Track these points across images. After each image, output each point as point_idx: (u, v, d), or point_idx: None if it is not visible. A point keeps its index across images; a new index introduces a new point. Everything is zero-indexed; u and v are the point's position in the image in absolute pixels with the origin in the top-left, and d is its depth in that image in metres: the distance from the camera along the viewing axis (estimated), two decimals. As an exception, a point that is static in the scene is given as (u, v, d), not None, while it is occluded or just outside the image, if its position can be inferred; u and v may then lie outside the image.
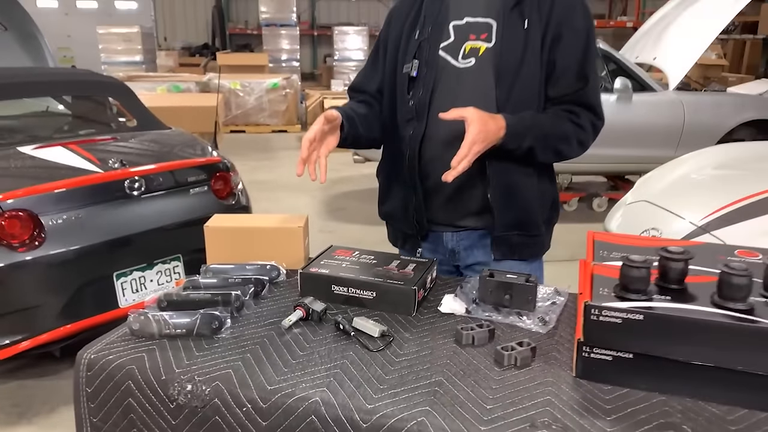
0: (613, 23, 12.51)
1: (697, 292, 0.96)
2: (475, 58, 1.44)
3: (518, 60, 1.39)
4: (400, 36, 1.53)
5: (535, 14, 1.40)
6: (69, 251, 2.59)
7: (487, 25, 1.44)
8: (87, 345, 1.08)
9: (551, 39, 1.40)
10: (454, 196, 1.49)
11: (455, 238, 1.54)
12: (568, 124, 1.42)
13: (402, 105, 1.50)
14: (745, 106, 5.31)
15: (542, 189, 1.51)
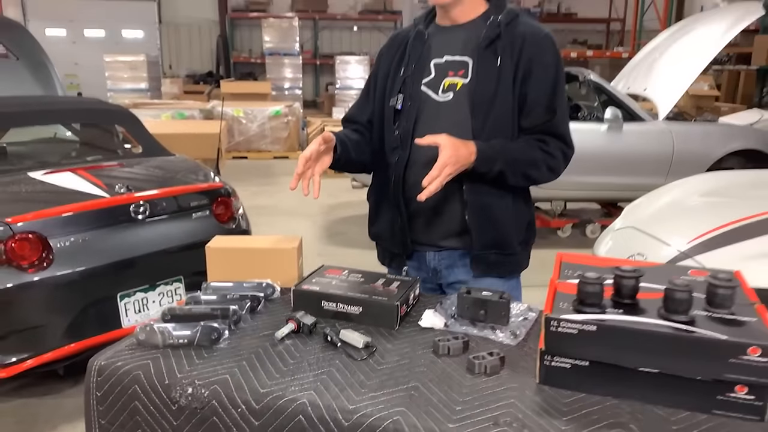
0: (609, 54, 12.76)
1: (647, 307, 1.07)
2: (453, 93, 1.58)
3: (492, 94, 1.54)
4: (387, 73, 1.69)
5: (507, 52, 1.55)
6: (75, 272, 2.70)
7: (463, 62, 1.59)
8: (97, 353, 1.19)
9: (522, 75, 1.55)
10: (435, 218, 1.62)
11: (437, 257, 1.67)
12: (537, 151, 1.56)
13: (389, 134, 1.65)
14: (732, 136, 5.45)
15: (517, 212, 1.65)
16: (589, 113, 5.50)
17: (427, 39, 1.65)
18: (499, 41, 1.55)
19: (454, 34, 1.63)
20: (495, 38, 1.56)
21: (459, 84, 1.58)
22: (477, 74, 1.56)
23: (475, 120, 1.55)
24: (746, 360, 0.95)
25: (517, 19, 1.60)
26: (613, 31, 16.48)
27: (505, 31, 1.56)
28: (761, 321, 1.02)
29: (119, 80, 11.95)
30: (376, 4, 15.86)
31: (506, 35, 1.56)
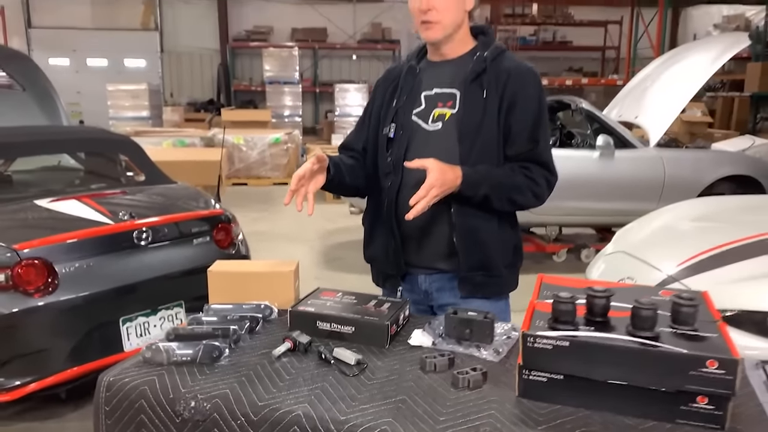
0: (604, 81, 13.01)
1: (617, 324, 1.16)
2: (442, 122, 1.70)
3: (478, 124, 1.65)
4: (381, 104, 1.82)
5: (493, 85, 1.66)
6: (80, 297, 2.77)
7: (452, 94, 1.70)
8: (105, 370, 1.27)
9: (507, 106, 1.66)
10: (426, 240, 1.72)
11: (428, 280, 1.76)
12: (521, 177, 1.66)
13: (382, 161, 1.76)
14: (723, 162, 5.57)
15: (503, 236, 1.74)
16: (582, 140, 5.64)
17: (419, 73, 1.77)
18: (485, 75, 1.67)
19: (443, 68, 1.75)
20: (481, 72, 1.68)
21: (447, 114, 1.69)
22: (464, 105, 1.68)
23: (462, 148, 1.66)
24: (705, 372, 1.03)
25: (502, 54, 1.72)
26: (608, 58, 16.77)
27: (491, 66, 1.68)
28: (721, 337, 1.11)
29: (121, 108, 12.16)
30: (374, 33, 16.16)
31: (492, 70, 1.68)
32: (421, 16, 1.66)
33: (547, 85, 12.13)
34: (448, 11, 1.65)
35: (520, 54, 13.06)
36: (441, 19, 1.65)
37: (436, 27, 1.66)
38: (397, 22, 16.31)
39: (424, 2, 1.63)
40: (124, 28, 15.81)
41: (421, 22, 1.67)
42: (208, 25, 16.07)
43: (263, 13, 16.13)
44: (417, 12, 1.67)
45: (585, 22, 15.34)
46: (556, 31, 16.12)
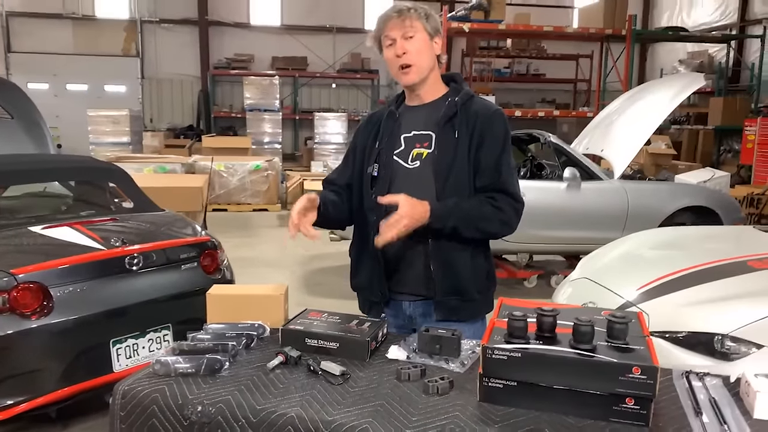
0: (575, 113, 13.45)
1: (563, 339, 1.37)
2: (420, 161, 1.92)
3: (451, 161, 1.88)
4: (365, 146, 2.04)
5: (463, 126, 1.90)
6: (73, 320, 2.90)
7: (428, 136, 1.93)
8: (120, 381, 1.44)
9: (476, 144, 1.89)
10: (407, 268, 1.93)
11: (412, 306, 1.96)
12: (487, 207, 1.86)
13: (366, 197, 1.97)
14: (682, 194, 5.90)
15: (475, 263, 1.94)
16: (551, 172, 5.93)
17: (398, 117, 2.00)
18: (456, 118, 1.90)
19: (419, 112, 1.98)
20: (453, 116, 1.91)
21: (425, 153, 1.92)
22: (439, 145, 1.90)
23: (437, 183, 1.88)
24: (632, 377, 1.25)
25: (471, 99, 1.96)
26: (580, 91, 17.35)
27: (461, 110, 1.91)
28: (647, 349, 1.33)
29: (102, 134, 12.24)
30: (353, 63, 16.55)
31: (462, 113, 1.91)
32: (397, 62, 1.89)
33: (521, 116, 12.53)
34: (420, 54, 1.88)
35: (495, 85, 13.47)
36: (415, 61, 1.88)
37: (412, 70, 1.89)
38: (376, 53, 16.46)
39: (398, 48, 1.87)
40: (105, 53, 15.97)
41: (399, 67, 1.90)
42: (189, 53, 16.32)
43: (244, 41, 16.45)
44: (393, 59, 1.90)
45: (557, 56, 15.90)
46: (530, 63, 16.69)
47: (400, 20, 1.87)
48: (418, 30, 1.88)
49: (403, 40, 1.87)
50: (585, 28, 11.90)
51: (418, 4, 1.92)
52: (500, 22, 10.97)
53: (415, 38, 1.87)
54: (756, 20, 13.80)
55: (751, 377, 1.37)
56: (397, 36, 1.87)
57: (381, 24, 1.91)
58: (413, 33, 1.87)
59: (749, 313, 2.61)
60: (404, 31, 1.86)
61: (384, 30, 1.90)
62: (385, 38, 1.90)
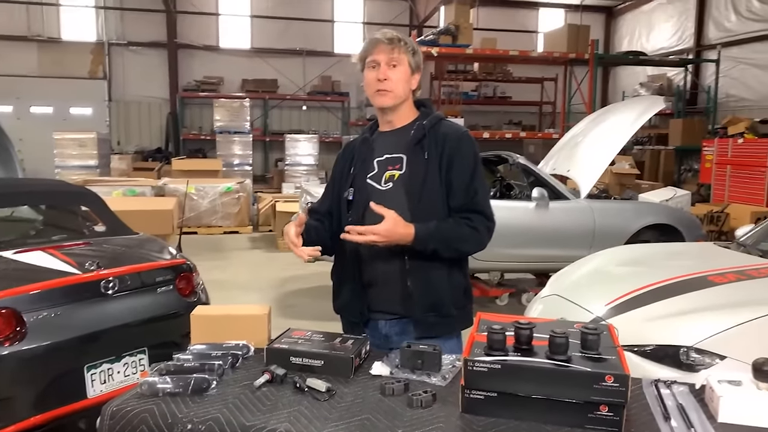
0: (541, 134, 13.80)
1: (539, 350, 1.44)
2: (393, 183, 2.01)
3: (421, 181, 1.97)
4: (342, 173, 2.13)
5: (433, 148, 1.99)
6: (47, 345, 2.86)
7: (399, 158, 2.03)
8: (109, 401, 1.46)
9: (446, 165, 1.98)
10: (385, 288, 1.99)
11: (387, 325, 2.02)
12: (465, 228, 1.95)
13: (344, 221, 2.03)
14: (646, 212, 6.10)
15: (453, 281, 2.02)
16: (519, 192, 6.08)
17: (372, 143, 2.10)
18: (425, 140, 2.00)
19: (391, 137, 2.08)
20: (422, 138, 2.01)
21: (396, 175, 2.01)
22: (409, 166, 2.00)
23: (410, 203, 1.96)
24: (605, 386, 1.32)
25: (440, 122, 2.06)
26: (545, 113, 17.78)
27: (430, 132, 2.01)
28: (618, 358, 1.41)
29: (68, 157, 12.05)
30: (324, 86, 16.69)
31: (431, 135, 2.01)
32: (377, 85, 1.98)
33: (489, 138, 12.80)
34: (399, 83, 1.99)
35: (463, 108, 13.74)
36: (393, 88, 1.98)
37: (389, 95, 1.99)
38: (346, 76, 16.92)
39: (381, 73, 1.97)
40: (71, 76, 15.80)
41: (376, 90, 1.99)
42: (158, 75, 16.25)
43: (214, 64, 16.47)
44: (374, 81, 1.99)
45: (523, 79, 16.31)
46: (497, 86, 17.07)
47: (390, 48, 1.96)
48: (402, 62, 1.98)
49: (387, 66, 1.97)
50: (549, 53, 12.28)
51: (407, 38, 2.04)
52: (468, 47, 11.26)
53: (398, 68, 1.97)
54: (711, 45, 14.41)
55: (714, 383, 1.46)
56: (382, 61, 1.97)
57: (370, 46, 1.99)
58: (398, 63, 1.97)
59: (712, 325, 2.72)
60: (390, 59, 1.97)
61: (372, 52, 1.98)
62: (370, 60, 1.99)
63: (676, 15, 15.71)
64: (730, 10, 13.89)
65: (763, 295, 3.00)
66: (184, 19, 16.25)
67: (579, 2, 16.47)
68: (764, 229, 4.11)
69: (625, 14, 17.98)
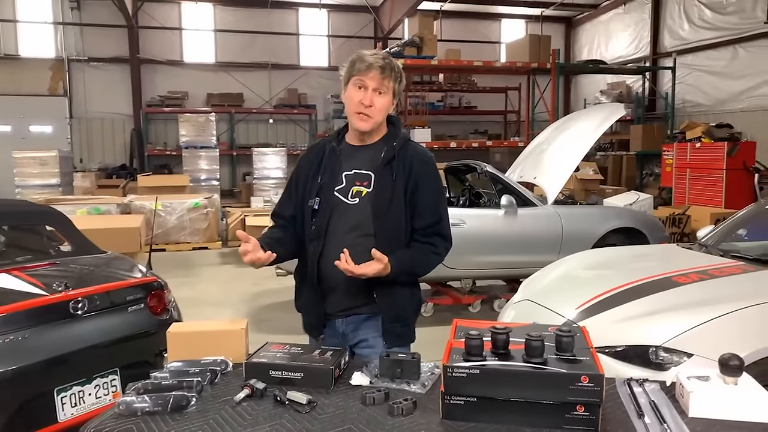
0: (506, 143, 14.02)
1: (516, 354, 1.47)
2: (359, 198, 2.07)
3: (388, 201, 2.04)
4: (307, 178, 2.16)
5: (400, 170, 2.07)
6: (13, 370, 2.78)
7: (368, 175, 2.08)
8: (86, 423, 1.43)
9: (412, 187, 2.07)
10: (347, 293, 2.05)
11: (344, 323, 2.10)
12: (431, 256, 2.09)
13: (307, 228, 2.10)
14: (611, 217, 6.24)
15: (412, 290, 2.13)
16: (488, 200, 6.16)
17: (339, 155, 2.14)
18: (394, 161, 2.07)
19: (361, 153, 2.13)
20: (391, 159, 2.08)
21: (364, 192, 2.07)
22: (377, 186, 2.06)
23: (375, 220, 2.03)
24: (581, 386, 1.36)
25: (407, 144, 2.14)
26: (510, 121, 18.08)
27: (399, 154, 2.09)
28: (592, 359, 1.45)
29: (28, 176, 11.73)
30: (290, 99, 16.66)
31: (399, 157, 2.08)
32: (360, 108, 2.02)
33: (456, 147, 12.95)
34: (381, 111, 2.06)
35: (429, 118, 13.86)
36: (375, 115, 2.05)
37: (369, 121, 2.05)
38: (312, 89, 16.93)
39: (367, 99, 2.01)
40: (30, 93, 15.45)
41: (358, 112, 2.03)
42: (120, 91, 16.00)
43: (178, 78, 16.30)
44: (357, 104, 2.03)
45: (487, 89, 16.55)
46: (462, 96, 17.28)
47: (381, 76, 2.01)
48: (388, 91, 2.04)
49: (374, 93, 2.02)
50: (512, 62, 12.52)
51: (395, 63, 2.09)
52: (432, 58, 11.39)
53: (383, 96, 2.04)
54: (666, 53, 14.86)
55: (684, 380, 1.51)
56: (370, 86, 2.01)
57: (362, 68, 2.01)
58: (384, 91, 2.04)
59: (679, 324, 2.80)
60: (379, 87, 2.02)
61: (362, 75, 2.01)
62: (359, 80, 2.03)
63: (633, 24, 16.17)
64: (684, 19, 14.36)
65: (725, 294, 3.10)
66: (147, 34, 16.07)
67: (539, 13, 16.83)
68: (724, 230, 4.25)
69: (584, 24, 18.43)
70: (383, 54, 2.08)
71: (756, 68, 12.25)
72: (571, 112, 15.70)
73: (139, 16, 15.86)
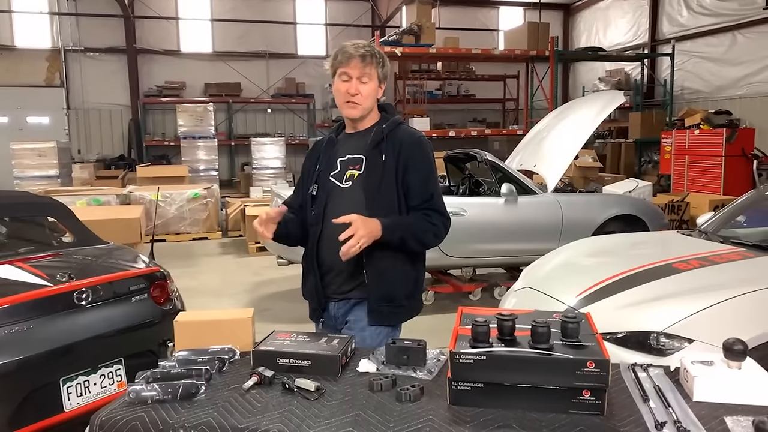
0: (505, 131, 14.00)
1: (522, 341, 1.48)
2: (352, 182, 2.15)
3: (378, 181, 2.10)
4: (310, 169, 2.27)
5: (390, 151, 2.13)
6: (19, 360, 2.81)
7: (359, 159, 2.16)
8: (97, 412, 1.45)
9: (403, 168, 2.12)
10: (340, 275, 2.12)
11: (336, 306, 2.17)
12: (425, 223, 2.11)
13: (308, 214, 2.19)
14: (610, 204, 6.26)
15: (405, 272, 2.16)
16: (488, 188, 6.17)
17: (336, 144, 2.24)
18: (383, 143, 2.14)
19: (354, 139, 2.22)
20: (380, 141, 2.14)
21: (356, 174, 2.15)
22: (367, 167, 2.13)
23: (367, 200, 2.09)
24: (587, 371, 1.37)
25: (398, 126, 2.20)
26: (509, 109, 18.05)
27: (388, 136, 2.15)
28: (597, 345, 1.46)
29: (27, 167, 11.71)
30: (288, 88, 16.60)
31: (389, 139, 2.15)
32: (347, 97, 2.12)
33: (455, 136, 12.94)
34: (368, 97, 2.14)
35: (428, 107, 13.86)
36: (362, 102, 2.13)
37: (357, 108, 2.14)
38: (310, 78, 16.87)
39: (352, 88, 2.10)
40: (26, 84, 15.38)
41: (346, 101, 2.13)
42: (118, 81, 15.94)
43: (175, 68, 16.22)
44: (344, 93, 2.12)
45: (486, 77, 16.52)
46: (460, 85, 17.24)
47: (362, 64, 2.09)
48: (372, 77, 2.11)
49: (358, 81, 2.10)
50: (511, 50, 12.47)
51: (376, 48, 2.15)
52: (431, 46, 11.35)
53: (368, 83, 2.11)
54: (665, 40, 14.82)
55: (688, 364, 1.53)
56: (354, 76, 2.10)
57: (344, 59, 2.10)
58: (368, 79, 2.11)
59: (679, 310, 2.83)
60: (361, 75, 2.10)
61: (345, 66, 2.10)
62: (342, 72, 2.11)
63: (631, 11, 16.10)
64: (682, 6, 14.31)
65: (725, 280, 3.12)
66: (143, 24, 15.98)
67: (537, 0, 16.75)
68: (723, 217, 4.26)
69: (582, 11, 18.35)
70: (363, 43, 2.16)
71: (755, 54, 12.23)
72: (569, 99, 15.68)
73: (135, 6, 15.76)
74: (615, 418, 1.38)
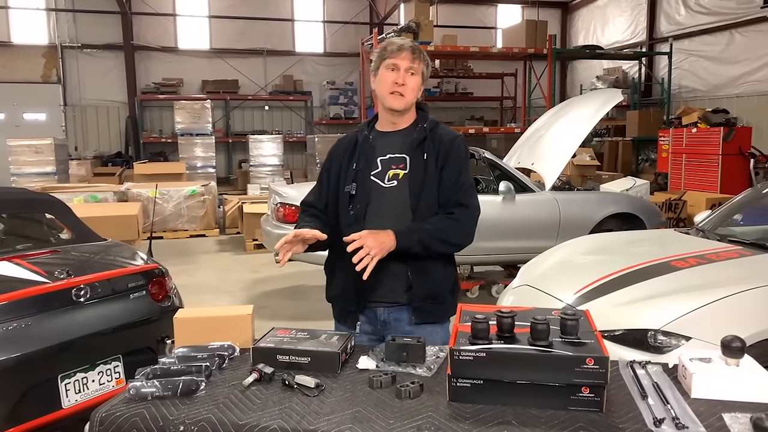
0: (503, 129, 14.00)
1: (521, 337, 1.49)
2: (397, 181, 2.12)
3: (422, 180, 2.09)
4: (340, 167, 2.21)
5: (431, 150, 2.12)
6: (18, 357, 2.80)
7: (403, 158, 2.14)
8: (97, 408, 1.45)
9: (441, 164, 2.11)
10: (386, 278, 2.07)
11: (386, 311, 2.12)
12: (446, 221, 2.06)
13: (344, 214, 2.13)
14: (608, 202, 6.27)
15: (447, 271, 2.17)
16: (486, 186, 6.17)
17: (372, 141, 2.20)
18: (425, 142, 2.13)
19: (393, 138, 2.19)
20: (423, 140, 2.14)
21: (401, 174, 2.13)
22: (412, 167, 2.11)
23: (412, 200, 2.08)
24: (586, 368, 1.38)
25: (437, 126, 2.20)
26: (506, 107, 18.03)
27: (429, 135, 2.15)
28: (596, 342, 1.47)
29: (24, 164, 11.67)
30: (286, 85, 16.58)
31: (430, 138, 2.14)
32: (393, 87, 2.09)
33: (453, 134, 12.88)
34: (413, 91, 2.13)
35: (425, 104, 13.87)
36: (407, 94, 2.11)
37: (402, 100, 2.11)
38: (308, 75, 16.85)
39: (400, 78, 2.08)
40: (23, 80, 15.33)
41: (391, 92, 2.10)
42: (115, 78, 15.89)
43: (173, 65, 16.18)
44: (390, 84, 2.09)
45: (483, 75, 16.50)
46: (458, 83, 17.21)
47: (412, 57, 2.10)
48: (418, 72, 2.12)
49: (406, 73, 2.09)
50: (509, 48, 12.46)
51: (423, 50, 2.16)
52: (429, 44, 11.33)
53: (415, 77, 2.11)
54: (663, 38, 14.83)
55: (686, 361, 1.54)
56: (402, 67, 2.09)
57: (395, 49, 2.09)
58: (415, 72, 2.11)
59: (677, 308, 2.83)
60: (411, 67, 2.10)
61: (395, 56, 2.09)
62: (391, 63, 2.10)
63: (629, 9, 16.11)
64: (680, 4, 14.31)
65: (722, 278, 3.13)
66: (140, 21, 15.93)
67: (535, -2, 16.76)
68: (720, 215, 4.28)
69: (580, 9, 18.35)
70: (410, 40, 2.17)
71: (752, 53, 12.25)
72: (567, 97, 15.70)
73: (132, 2, 15.71)
74: (614, 414, 1.39)
